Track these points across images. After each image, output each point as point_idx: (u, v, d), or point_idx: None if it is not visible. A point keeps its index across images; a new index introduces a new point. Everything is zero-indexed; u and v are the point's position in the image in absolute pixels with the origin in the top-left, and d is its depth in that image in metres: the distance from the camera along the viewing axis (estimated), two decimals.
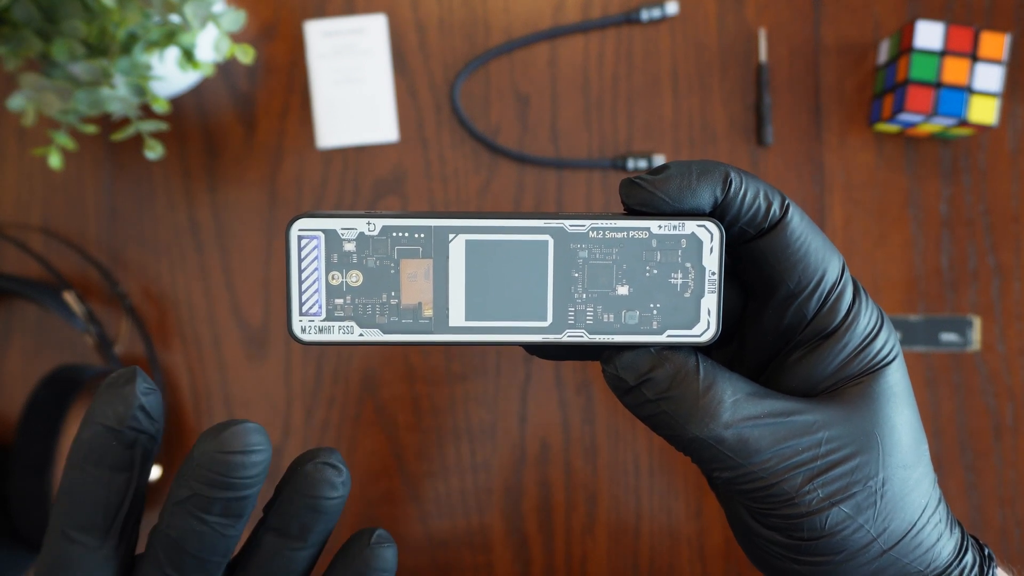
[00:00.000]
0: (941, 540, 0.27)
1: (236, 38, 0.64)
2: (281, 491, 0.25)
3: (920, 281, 0.63)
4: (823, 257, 0.26)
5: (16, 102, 0.52)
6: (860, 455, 0.26)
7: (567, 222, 0.26)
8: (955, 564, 0.27)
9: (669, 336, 0.26)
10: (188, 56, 0.55)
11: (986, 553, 0.29)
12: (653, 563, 0.63)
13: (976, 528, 0.63)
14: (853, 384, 0.26)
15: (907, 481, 0.26)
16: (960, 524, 0.29)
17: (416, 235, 0.25)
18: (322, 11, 0.64)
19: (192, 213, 0.64)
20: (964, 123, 0.58)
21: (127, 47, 0.52)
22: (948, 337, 0.62)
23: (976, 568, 0.28)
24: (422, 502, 0.64)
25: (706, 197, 0.25)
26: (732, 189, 0.25)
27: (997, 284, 0.63)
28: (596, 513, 0.63)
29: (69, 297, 0.60)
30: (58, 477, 0.56)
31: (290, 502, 0.25)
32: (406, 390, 0.64)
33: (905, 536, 0.26)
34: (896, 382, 0.27)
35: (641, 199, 0.25)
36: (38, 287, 0.61)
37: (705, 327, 0.26)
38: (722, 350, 0.30)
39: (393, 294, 0.26)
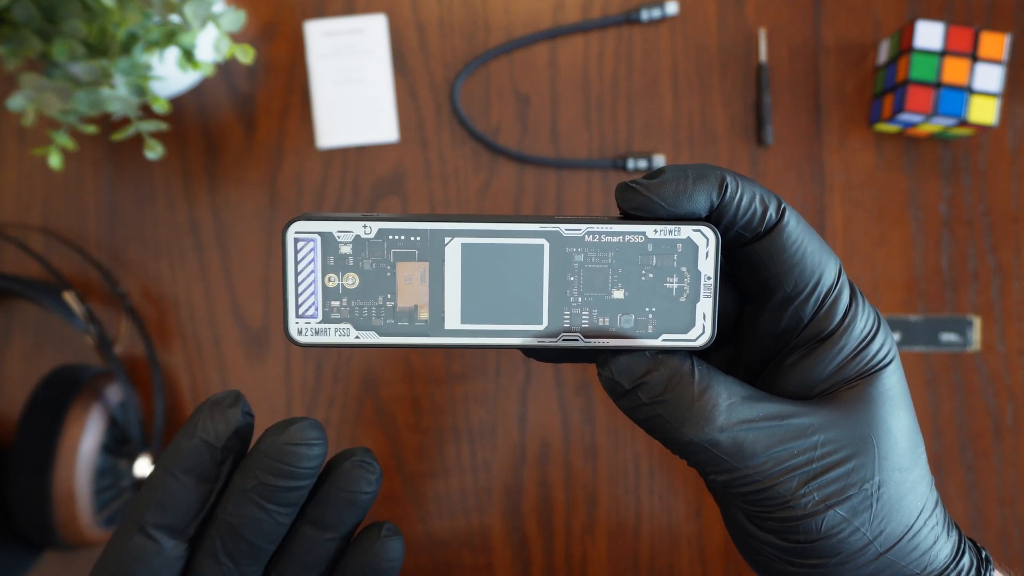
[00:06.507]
0: (938, 543, 0.27)
1: (236, 38, 0.64)
2: (319, 486, 0.27)
3: (920, 281, 0.63)
4: (819, 260, 0.26)
5: (16, 102, 0.52)
6: (856, 458, 0.26)
7: (563, 226, 0.26)
8: (952, 567, 0.27)
9: (664, 340, 0.26)
10: (188, 56, 0.55)
11: (983, 556, 0.29)
12: (653, 563, 0.63)
13: (976, 528, 0.63)
14: (849, 387, 0.26)
15: (903, 484, 0.26)
16: (958, 527, 0.29)
17: (412, 238, 0.26)
18: (322, 11, 0.64)
19: (192, 213, 0.64)
20: (964, 123, 0.58)
21: (127, 47, 0.53)
22: (948, 337, 0.62)
23: (973, 571, 0.28)
24: (422, 502, 0.64)
25: (702, 201, 0.25)
26: (728, 193, 0.25)
27: (997, 284, 0.63)
28: (596, 513, 0.63)
29: (69, 297, 0.60)
30: (58, 477, 0.56)
31: (327, 496, 0.27)
32: (406, 390, 0.64)
33: (901, 539, 0.26)
34: (892, 385, 0.27)
35: (637, 203, 0.25)
36: (38, 287, 0.61)
37: (700, 331, 0.26)
38: (718, 353, 0.30)
39: (389, 297, 0.26)
